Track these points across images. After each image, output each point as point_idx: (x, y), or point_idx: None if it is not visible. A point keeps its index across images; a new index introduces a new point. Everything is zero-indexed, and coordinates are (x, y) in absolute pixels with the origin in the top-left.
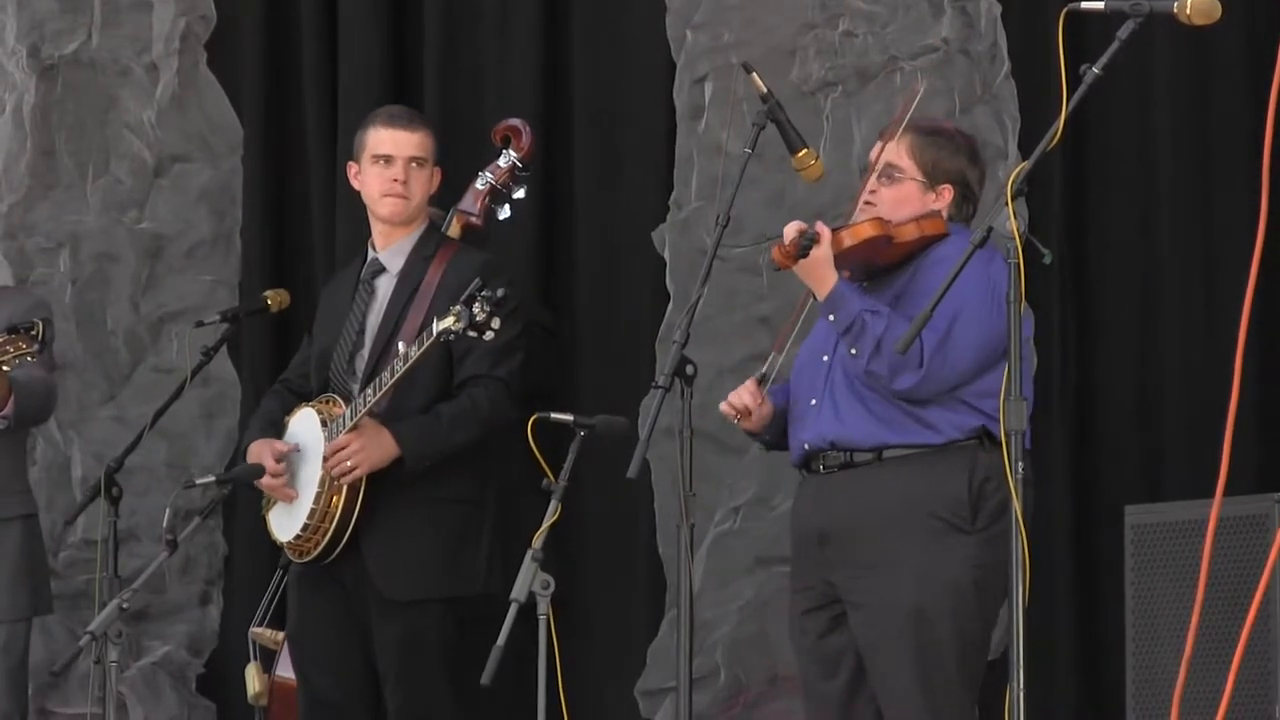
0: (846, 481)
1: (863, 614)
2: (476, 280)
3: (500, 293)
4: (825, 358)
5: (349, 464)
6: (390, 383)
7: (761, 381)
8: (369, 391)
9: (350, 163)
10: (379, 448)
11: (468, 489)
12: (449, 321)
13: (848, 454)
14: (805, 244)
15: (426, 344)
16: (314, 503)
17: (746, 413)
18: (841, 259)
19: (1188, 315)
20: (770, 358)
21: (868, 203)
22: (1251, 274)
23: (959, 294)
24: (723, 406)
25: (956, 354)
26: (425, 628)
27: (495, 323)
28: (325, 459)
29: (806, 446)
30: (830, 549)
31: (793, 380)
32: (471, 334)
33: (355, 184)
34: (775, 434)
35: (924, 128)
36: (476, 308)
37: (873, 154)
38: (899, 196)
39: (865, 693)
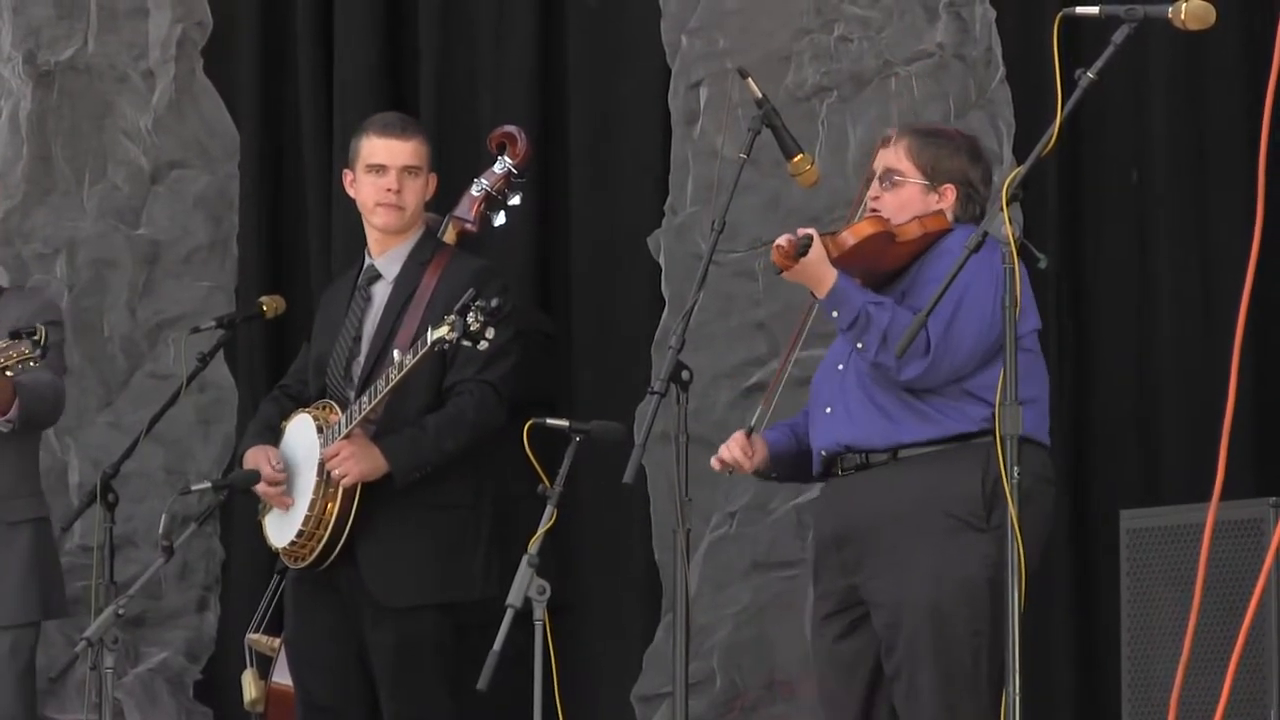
0: (862, 483)
1: (881, 613)
2: (470, 290)
3: (494, 303)
4: (840, 366)
5: (337, 472)
6: (385, 390)
7: (750, 432)
8: (364, 399)
9: (345, 170)
10: (368, 459)
11: (463, 495)
12: (443, 331)
13: (863, 456)
14: (804, 243)
15: (420, 353)
16: (309, 509)
17: (738, 466)
18: (845, 261)
19: (1184, 319)
20: (759, 410)
21: (872, 209)
22: (1248, 278)
23: (961, 282)
24: (713, 462)
25: (960, 341)
26: (420, 634)
27: (489, 332)
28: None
29: (824, 453)
30: (848, 551)
31: (811, 392)
32: (465, 343)
33: (350, 192)
34: (784, 470)
35: (922, 130)
36: (470, 317)
37: (874, 163)
38: (901, 201)
39: (881, 695)
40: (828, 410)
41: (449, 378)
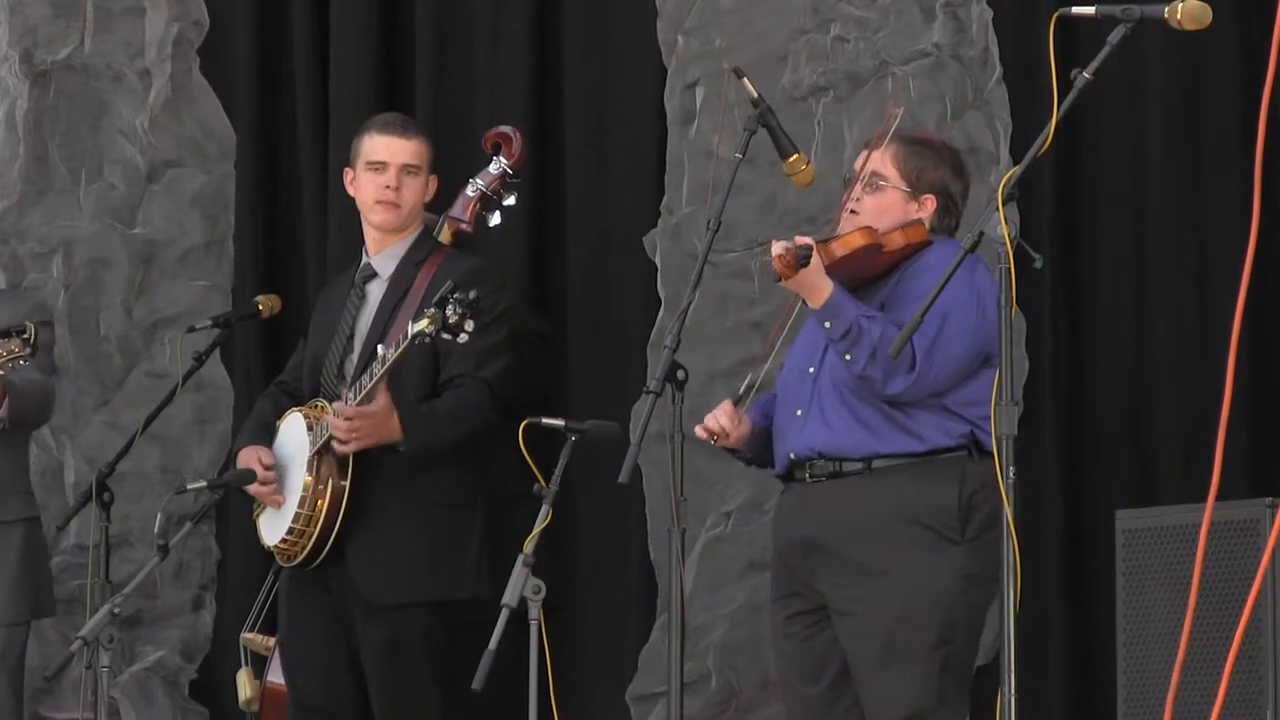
0: (835, 491)
1: (850, 622)
2: (449, 283)
3: (473, 295)
4: (811, 369)
5: (341, 437)
6: (370, 386)
7: (738, 402)
8: (350, 395)
9: (346, 169)
10: (383, 429)
11: (455, 493)
12: (422, 324)
13: (836, 463)
14: (804, 253)
15: (402, 346)
16: (299, 507)
17: (724, 434)
18: (833, 270)
19: (1180, 320)
20: (747, 378)
21: (852, 211)
22: (1244, 278)
23: (945, 299)
24: (698, 430)
25: (944, 357)
26: (410, 632)
27: (469, 325)
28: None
29: (792, 456)
30: (816, 557)
31: (778, 393)
32: (445, 336)
33: (350, 190)
34: (756, 450)
35: (909, 138)
36: (449, 310)
37: (857, 163)
38: (881, 205)
39: (848, 697)
40: (798, 413)
41: (445, 373)
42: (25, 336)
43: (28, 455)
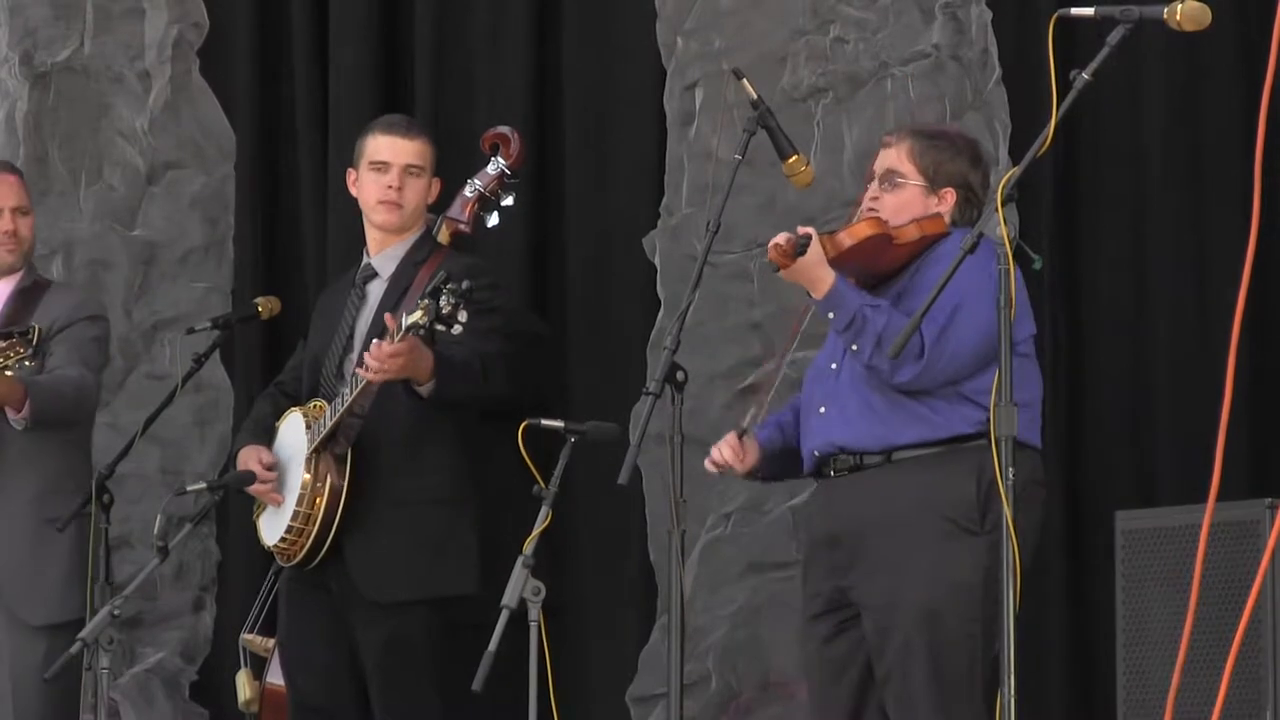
0: (856, 484)
1: (873, 615)
2: (441, 273)
3: (465, 285)
4: (834, 365)
5: (372, 364)
6: (364, 382)
7: (743, 434)
8: (346, 391)
9: (350, 169)
10: (416, 362)
11: (452, 490)
12: (416, 315)
13: (857, 457)
14: (803, 242)
15: (397, 340)
16: (298, 505)
17: (729, 466)
18: (842, 261)
19: (1179, 320)
20: (751, 412)
21: (870, 209)
22: (1244, 279)
23: (960, 287)
24: (706, 463)
25: (956, 345)
26: (409, 630)
27: (462, 315)
28: (368, 362)
29: (816, 453)
30: (840, 552)
31: (804, 391)
32: (440, 327)
33: (353, 191)
34: (771, 470)
35: (925, 132)
36: (443, 300)
37: (875, 163)
38: (900, 202)
39: (872, 698)
40: (821, 410)
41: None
42: (29, 336)
43: (85, 453)
